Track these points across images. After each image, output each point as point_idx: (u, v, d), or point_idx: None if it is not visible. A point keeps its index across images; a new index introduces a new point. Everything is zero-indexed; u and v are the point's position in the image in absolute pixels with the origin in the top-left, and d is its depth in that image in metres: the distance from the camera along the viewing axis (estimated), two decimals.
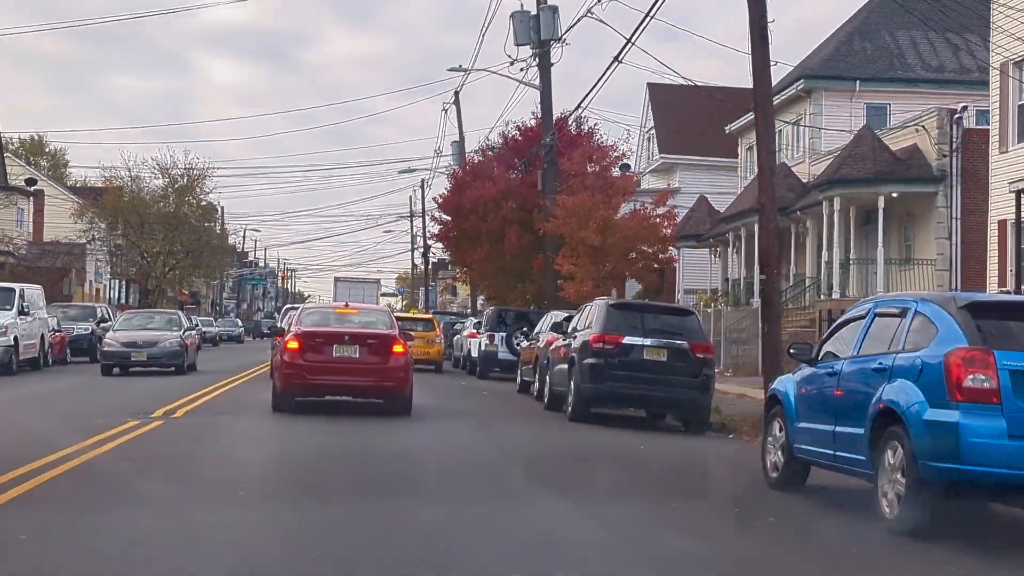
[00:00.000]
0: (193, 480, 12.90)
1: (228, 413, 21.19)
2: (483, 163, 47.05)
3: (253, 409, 21.84)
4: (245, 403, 23.48)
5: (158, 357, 32.89)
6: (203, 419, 19.86)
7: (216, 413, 21.07)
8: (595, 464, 16.16)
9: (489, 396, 29.10)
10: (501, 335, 37.33)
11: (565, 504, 11.93)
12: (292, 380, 20.44)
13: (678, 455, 17.77)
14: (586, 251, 37.09)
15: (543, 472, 14.79)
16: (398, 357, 20.64)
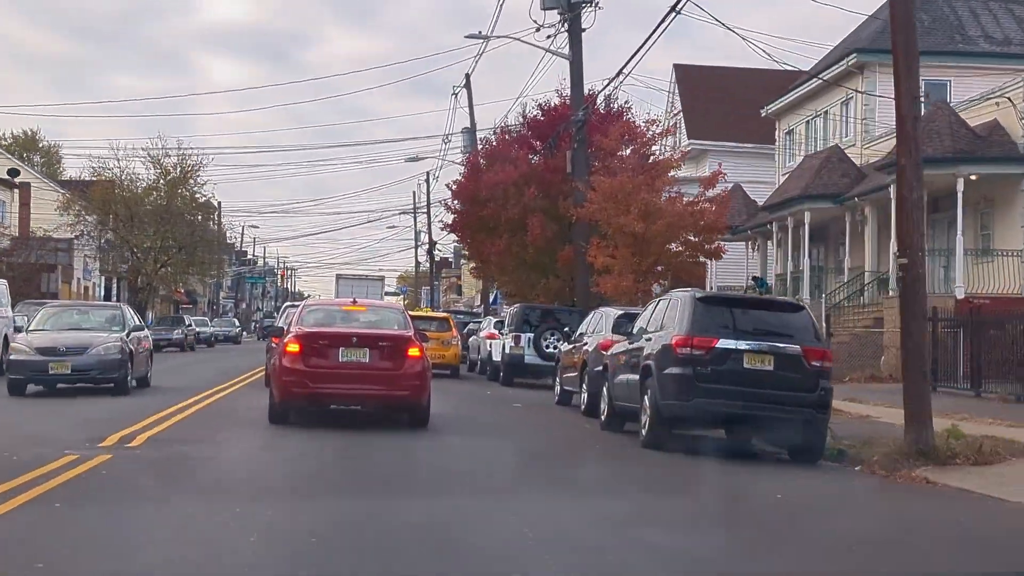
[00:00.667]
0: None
1: (205, 439, 16.12)
2: (502, 145, 41.91)
3: (236, 431, 16.85)
4: (224, 424, 18.45)
5: (87, 369, 23.41)
6: (170, 449, 14.82)
7: (191, 439, 16.02)
8: (737, 523, 11.04)
9: (523, 409, 24.15)
10: (528, 336, 32.35)
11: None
12: (292, 388, 17.39)
13: (853, 508, 12.86)
14: (625, 240, 32.08)
15: (659, 542, 9.74)
16: (414, 361, 17.54)
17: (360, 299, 22.67)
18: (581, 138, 35.15)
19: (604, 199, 31.84)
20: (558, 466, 15.25)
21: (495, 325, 39.74)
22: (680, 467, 15.34)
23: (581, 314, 33.19)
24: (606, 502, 12.10)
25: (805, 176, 40.88)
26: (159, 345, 61.22)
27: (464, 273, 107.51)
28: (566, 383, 24.43)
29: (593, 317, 23.99)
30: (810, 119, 46.47)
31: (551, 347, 32.05)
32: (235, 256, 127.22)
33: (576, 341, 24.23)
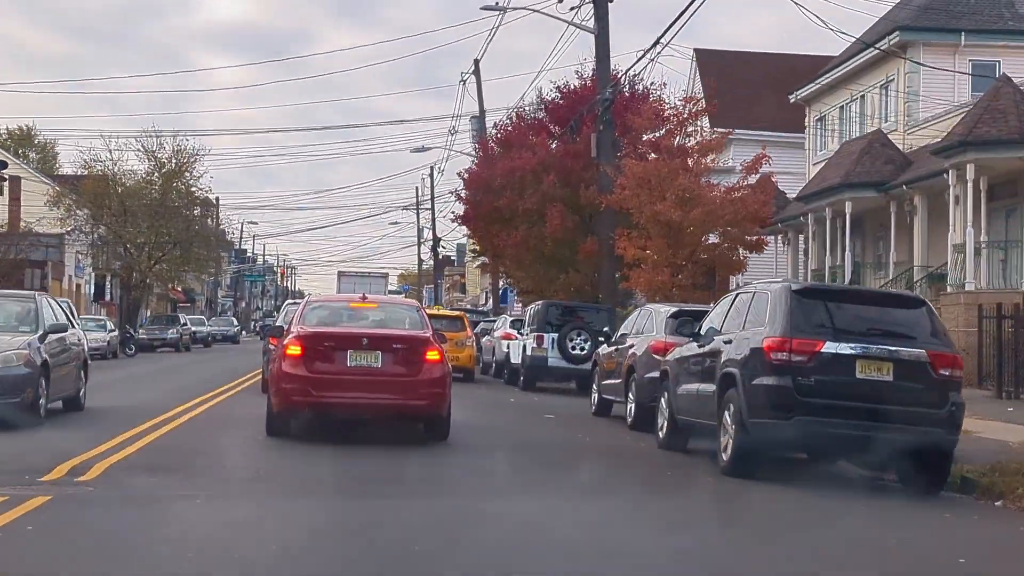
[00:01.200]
0: None
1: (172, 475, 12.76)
2: (517, 130, 38.52)
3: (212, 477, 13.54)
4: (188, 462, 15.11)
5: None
6: (137, 484, 11.46)
7: (162, 468, 12.66)
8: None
9: (557, 421, 20.81)
10: (551, 337, 29.03)
11: None
12: (292, 397, 14.97)
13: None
14: (659, 230, 28.79)
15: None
16: (433, 366, 15.14)
17: (370, 295, 19.50)
18: (608, 119, 31.86)
19: (636, 185, 28.51)
20: (626, 501, 11.92)
21: (511, 324, 36.49)
22: (783, 502, 12.04)
23: (609, 312, 29.98)
24: (713, 557, 8.79)
25: (845, 163, 37.51)
26: (152, 345, 58.32)
27: (469, 271, 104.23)
28: (605, 391, 21.10)
29: (638, 316, 20.66)
30: (845, 104, 43.12)
31: (577, 348, 28.81)
32: (235, 254, 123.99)
33: (618, 343, 20.90)
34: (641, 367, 18.71)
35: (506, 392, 29.08)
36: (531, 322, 30.36)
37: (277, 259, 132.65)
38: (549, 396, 27.82)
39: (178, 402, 20.51)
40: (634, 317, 20.95)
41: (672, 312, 18.88)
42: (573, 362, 28.82)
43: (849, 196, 36.11)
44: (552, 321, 29.28)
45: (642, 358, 18.77)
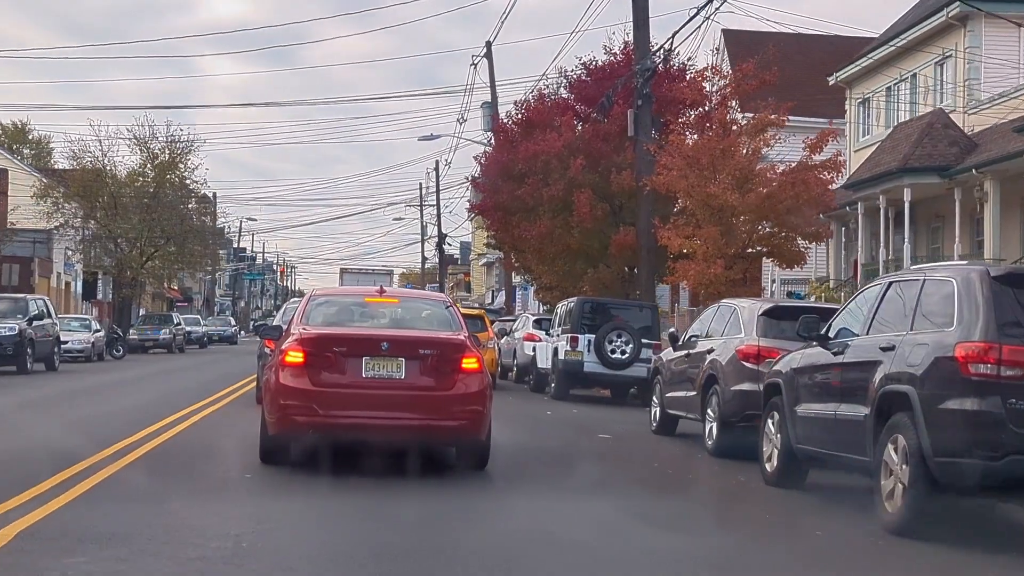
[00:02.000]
0: None
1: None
2: (540, 110, 34.59)
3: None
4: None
5: None
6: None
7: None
8: None
9: (613, 441, 16.95)
10: (588, 339, 25.16)
11: None
12: (292, 417, 11.55)
13: None
14: (711, 216, 24.96)
15: None
16: (470, 377, 11.78)
17: (389, 288, 15.17)
18: (647, 93, 27.99)
19: (686, 163, 24.64)
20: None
21: (534, 324, 32.60)
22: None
23: (652, 311, 26.12)
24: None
25: (901, 147, 33.61)
26: (144, 346, 54.44)
27: (474, 269, 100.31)
28: (671, 405, 17.19)
29: (714, 314, 16.71)
30: (892, 84, 39.20)
31: (617, 352, 24.97)
32: (233, 252, 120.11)
33: (686, 347, 17.00)
34: (726, 377, 14.85)
35: (535, 401, 25.23)
36: (562, 322, 26.51)
37: (277, 257, 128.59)
38: (588, 407, 23.99)
39: (151, 419, 16.63)
40: (708, 315, 17.03)
41: (765, 309, 15.02)
42: (612, 367, 24.99)
43: (909, 182, 32.22)
44: (588, 321, 25.43)
45: (727, 366, 14.91)
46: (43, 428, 16.11)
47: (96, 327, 43.98)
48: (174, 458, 12.78)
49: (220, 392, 23.42)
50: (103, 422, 16.45)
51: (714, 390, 15.16)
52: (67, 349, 40.20)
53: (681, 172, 24.96)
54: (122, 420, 16.40)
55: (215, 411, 18.98)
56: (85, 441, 13.31)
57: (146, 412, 17.59)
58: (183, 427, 15.95)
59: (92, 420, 17.00)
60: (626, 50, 33.22)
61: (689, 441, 16.71)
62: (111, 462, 11.83)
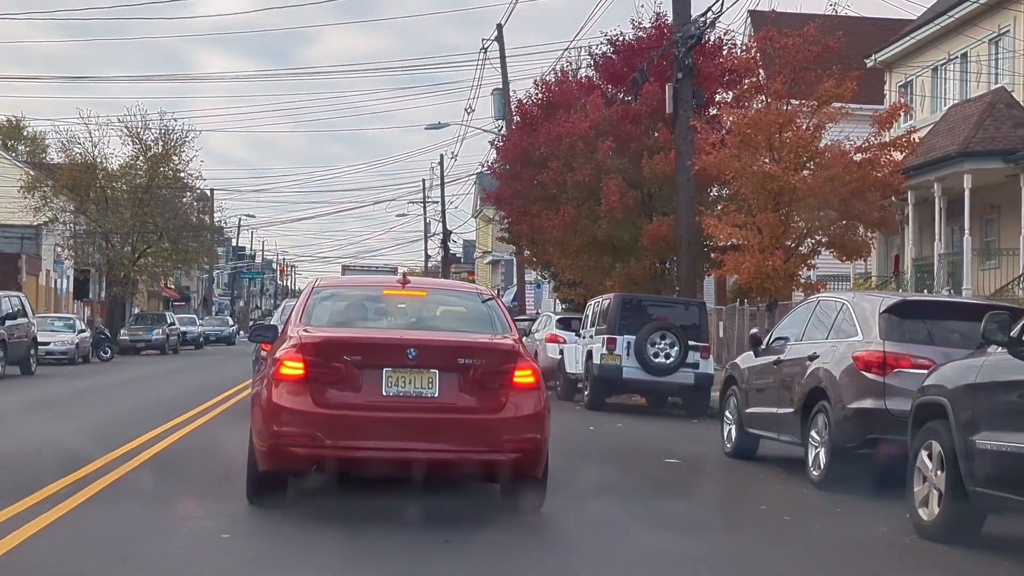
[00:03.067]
0: None
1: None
2: (564, 88, 31.30)
3: None
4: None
5: None
6: None
7: None
8: None
9: (684, 468, 13.68)
10: (627, 340, 21.91)
11: None
12: (290, 448, 8.69)
13: None
14: (767, 201, 21.75)
15: None
16: (525, 395, 8.90)
17: (414, 279, 12.06)
18: (688, 65, 24.73)
19: (740, 141, 21.41)
20: None
21: (558, 324, 29.36)
22: None
23: (700, 308, 22.89)
24: None
25: (959, 130, 30.37)
26: (136, 348, 51.14)
27: (479, 267, 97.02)
28: (752, 423, 13.91)
29: (813, 311, 13.36)
30: (940, 64, 35.93)
31: (661, 356, 21.74)
32: (232, 251, 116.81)
33: (772, 352, 13.72)
34: (839, 392, 11.59)
35: (568, 412, 21.96)
36: (596, 321, 23.26)
37: (276, 256, 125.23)
38: (629, 418, 20.75)
39: (120, 439, 13.45)
40: (801, 313, 13.72)
41: (890, 304, 11.73)
42: (656, 373, 21.75)
43: (969, 168, 28.95)
44: (627, 320, 22.19)
45: (840, 378, 11.64)
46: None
47: (81, 327, 40.71)
48: (123, 510, 9.45)
49: (204, 404, 20.14)
50: (44, 449, 13.10)
51: (821, 407, 11.90)
52: (48, 351, 37.02)
53: (736, 150, 21.73)
54: (68, 447, 13.02)
55: (193, 430, 15.72)
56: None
57: (104, 434, 14.28)
58: (151, 454, 12.67)
59: (30, 447, 13.59)
60: (658, 23, 30.00)
61: (779, 468, 13.47)
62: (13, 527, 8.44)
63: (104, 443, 12.97)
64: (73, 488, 9.95)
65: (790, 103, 21.81)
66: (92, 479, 10.53)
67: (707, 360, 22.13)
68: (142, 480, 10.89)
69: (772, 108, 21.46)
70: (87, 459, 11.56)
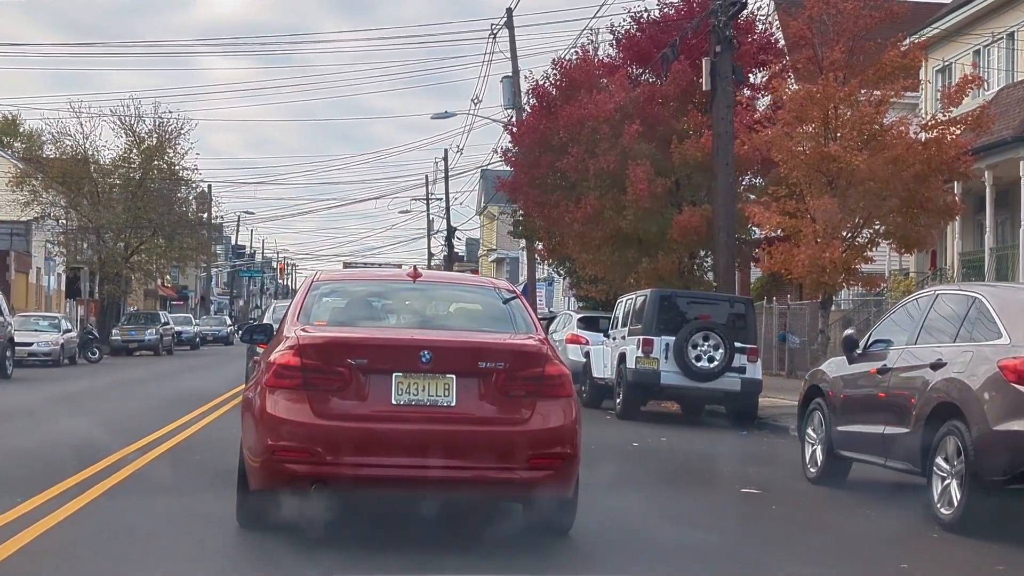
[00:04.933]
0: None
1: None
2: (585, 67, 28.69)
3: None
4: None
5: None
6: None
7: None
8: None
9: (770, 501, 11.10)
10: (665, 342, 19.39)
11: None
12: (286, 464, 7.53)
13: None
14: (823, 185, 19.24)
15: None
16: (555, 404, 7.74)
17: (425, 272, 10.09)
18: (728, 36, 22.18)
19: (796, 118, 18.87)
20: None
21: (580, 324, 26.89)
22: None
23: (747, 306, 20.40)
24: None
25: (1011, 113, 27.88)
26: (128, 348, 48.55)
27: (483, 265, 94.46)
28: (847, 444, 11.35)
29: (929, 308, 10.75)
30: (984, 46, 33.41)
31: (704, 359, 19.22)
32: (232, 250, 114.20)
33: (870, 357, 11.16)
34: (981, 410, 9.06)
35: (599, 422, 19.44)
36: (630, 320, 20.72)
37: (276, 254, 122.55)
38: (669, 430, 18.24)
39: (84, 461, 10.93)
40: (909, 312, 11.15)
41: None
42: (698, 378, 19.23)
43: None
44: (665, 320, 19.66)
45: (982, 392, 9.12)
46: None
47: (67, 327, 38.12)
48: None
49: (186, 416, 17.61)
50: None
51: (951, 429, 9.36)
52: (31, 352, 34.56)
53: (788, 127, 19.22)
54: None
55: (183, 440, 13.22)
56: None
57: (43, 461, 11.76)
58: (122, 477, 10.16)
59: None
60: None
61: (884, 500, 10.95)
62: None
63: (38, 476, 10.39)
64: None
65: (846, 77, 19.22)
66: (67, 501, 8.02)
67: (755, 364, 19.63)
68: (119, 503, 8.38)
69: (829, 81, 18.90)
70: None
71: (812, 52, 19.79)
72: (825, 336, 20.48)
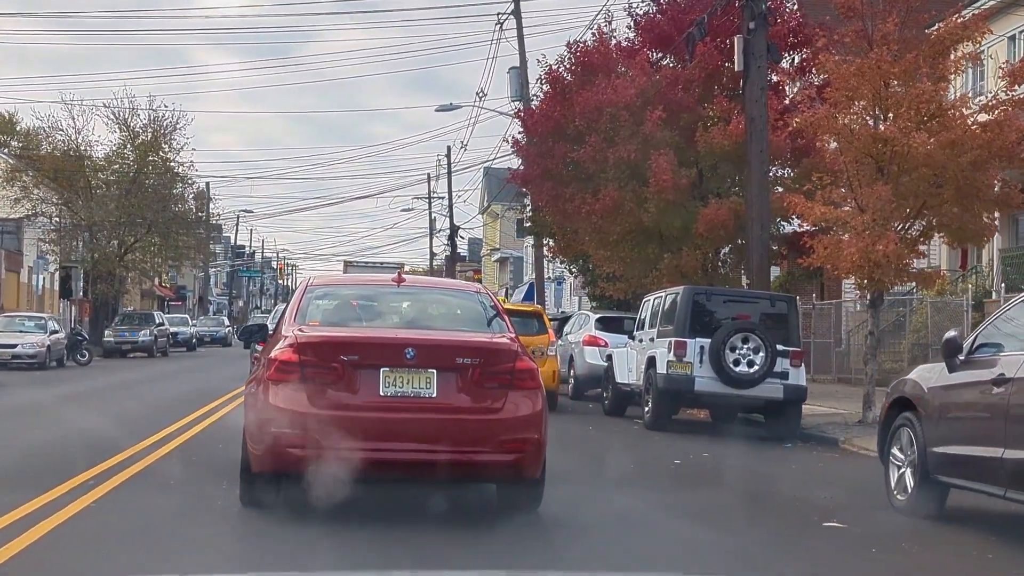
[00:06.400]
0: None
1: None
2: (602, 51, 26.68)
3: None
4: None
5: None
6: None
7: None
8: None
9: (857, 539, 9.13)
10: (699, 344, 17.44)
11: None
12: (286, 449, 8.52)
13: None
14: (873, 171, 17.31)
15: None
16: (524, 395, 8.75)
17: (409, 276, 12.38)
18: (762, 12, 20.27)
19: (847, 97, 16.90)
20: None
21: (598, 324, 25.00)
22: None
23: (789, 304, 18.49)
24: None
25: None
26: (121, 350, 46.62)
27: (486, 265, 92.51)
28: (945, 468, 9.37)
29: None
30: (1017, 31, 31.42)
31: (744, 364, 17.32)
32: (231, 250, 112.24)
33: (977, 364, 9.21)
34: None
35: (627, 434, 17.56)
36: (659, 321, 18.77)
37: (276, 254, 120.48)
38: (710, 443, 16.29)
39: (39, 488, 9.02)
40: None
41: None
42: (736, 385, 17.30)
43: None
44: (700, 320, 17.73)
45: None
46: None
47: (54, 328, 36.12)
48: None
49: (186, 417, 15.67)
50: None
51: None
52: (15, 354, 32.73)
53: (841, 105, 17.24)
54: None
55: (164, 456, 11.26)
56: None
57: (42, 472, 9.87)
58: (73, 513, 8.22)
59: None
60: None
61: (999, 535, 8.99)
62: None
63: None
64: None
65: (900, 51, 17.22)
66: None
67: (798, 368, 17.71)
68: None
69: (882, 55, 16.93)
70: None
71: (861, 25, 17.82)
72: (875, 338, 18.50)
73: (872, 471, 12.37)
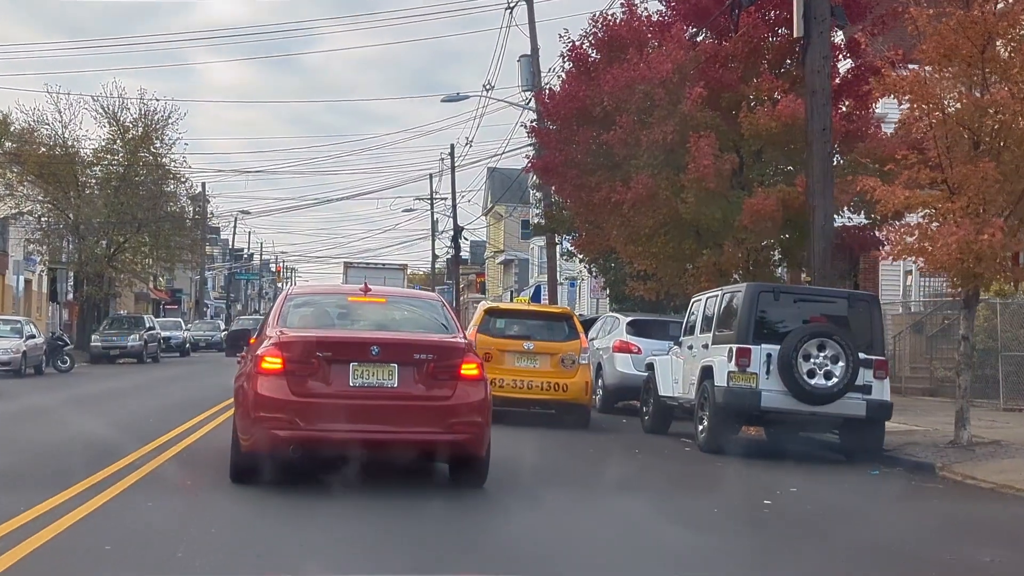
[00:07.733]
0: None
1: None
2: (632, 24, 23.80)
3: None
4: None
5: None
6: None
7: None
8: None
9: None
10: (765, 352, 14.63)
11: None
12: (272, 431, 10.15)
13: None
14: (969, 148, 14.54)
15: None
16: (470, 385, 10.46)
17: (375, 287, 12.59)
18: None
19: (943, 56, 14.11)
20: None
21: (629, 329, 22.25)
22: None
23: (871, 305, 15.69)
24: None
25: None
26: (109, 355, 43.80)
27: (490, 267, 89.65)
28: None
29: None
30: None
31: (820, 375, 14.56)
32: (229, 253, 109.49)
33: None
34: None
35: (674, 457, 14.76)
36: (715, 324, 15.94)
37: (275, 257, 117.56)
38: (783, 470, 13.54)
39: None
40: None
41: None
42: (812, 400, 14.51)
43: None
44: (767, 323, 14.93)
45: None
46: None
47: (32, 332, 33.26)
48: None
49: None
50: None
51: None
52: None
53: (933, 69, 14.44)
54: None
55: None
56: None
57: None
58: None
59: None
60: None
61: None
62: None
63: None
64: None
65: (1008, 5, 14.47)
66: None
67: (883, 381, 14.93)
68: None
69: (987, 9, 14.17)
70: None
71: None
72: (969, 344, 15.71)
73: (1004, 510, 9.68)
